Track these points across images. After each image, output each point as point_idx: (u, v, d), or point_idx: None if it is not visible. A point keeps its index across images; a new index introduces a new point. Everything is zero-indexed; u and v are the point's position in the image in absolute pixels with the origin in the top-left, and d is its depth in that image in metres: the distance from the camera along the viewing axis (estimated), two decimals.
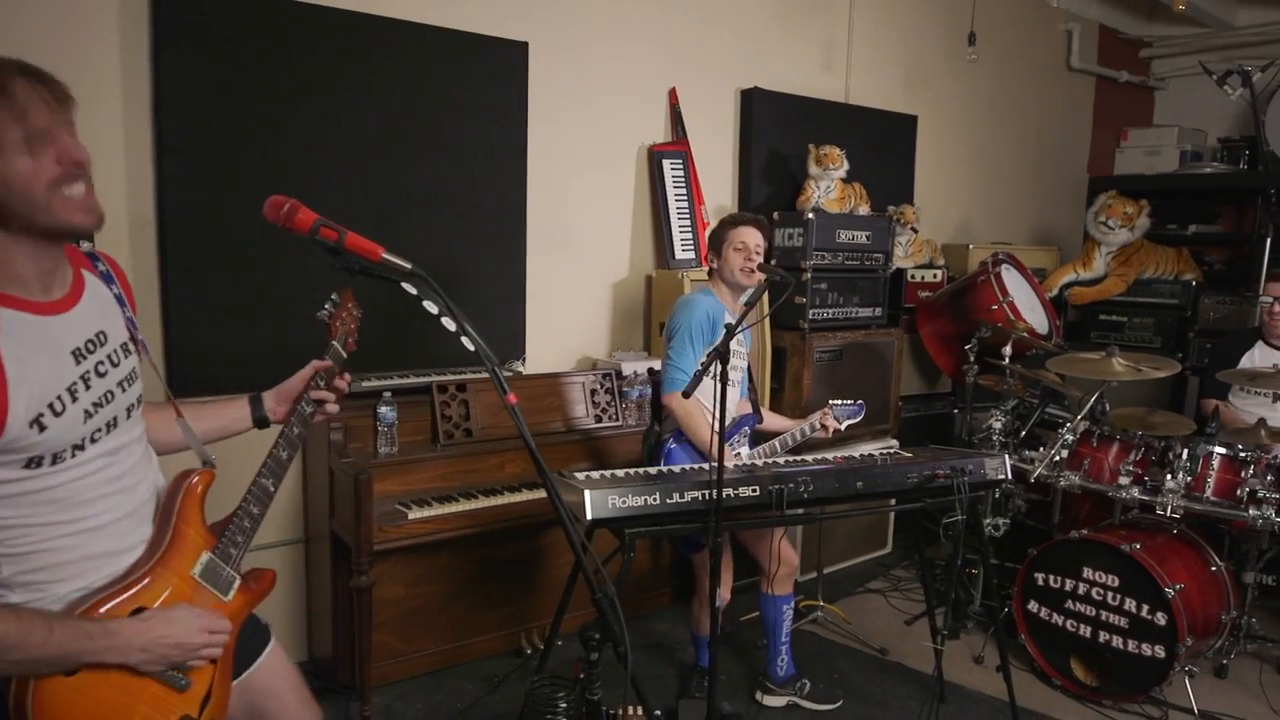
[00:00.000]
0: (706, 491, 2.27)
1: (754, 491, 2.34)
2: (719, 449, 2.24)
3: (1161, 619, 2.96)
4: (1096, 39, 6.03)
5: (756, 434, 3.03)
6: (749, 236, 2.84)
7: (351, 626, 2.93)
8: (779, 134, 4.24)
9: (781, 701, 3.04)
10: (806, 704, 2.99)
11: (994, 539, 3.65)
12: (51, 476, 1.26)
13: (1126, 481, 3.12)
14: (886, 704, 3.09)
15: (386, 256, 1.39)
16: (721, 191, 4.14)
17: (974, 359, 3.80)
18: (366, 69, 3.13)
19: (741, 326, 2.37)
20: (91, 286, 1.39)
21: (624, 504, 2.22)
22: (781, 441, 2.91)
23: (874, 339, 4.21)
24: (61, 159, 1.21)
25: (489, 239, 3.47)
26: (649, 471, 2.54)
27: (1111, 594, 3.08)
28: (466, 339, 1.38)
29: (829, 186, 4.06)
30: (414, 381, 3.17)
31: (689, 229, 3.90)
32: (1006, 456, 2.69)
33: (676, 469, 2.56)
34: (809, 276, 3.92)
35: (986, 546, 2.81)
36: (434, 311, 1.36)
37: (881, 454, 2.77)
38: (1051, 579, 3.22)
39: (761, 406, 3.09)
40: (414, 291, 1.37)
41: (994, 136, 5.48)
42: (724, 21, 4.09)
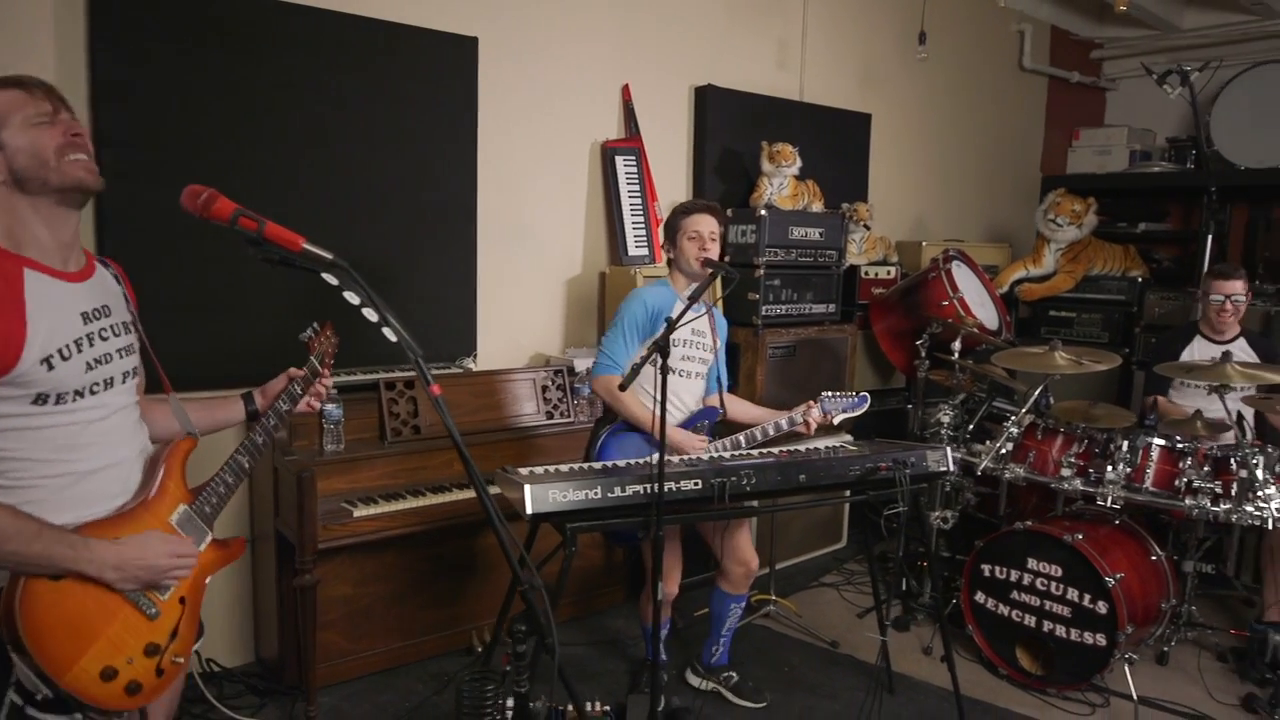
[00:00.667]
0: (648, 485, 2.27)
1: (696, 485, 2.35)
2: (661, 442, 2.25)
3: (1102, 608, 3.01)
4: (1048, 40, 6.13)
5: (733, 426, 2.99)
6: (702, 224, 2.81)
7: (297, 627, 2.89)
8: (733, 131, 4.26)
9: (708, 686, 3.06)
10: (730, 696, 3.01)
11: (944, 531, 3.70)
12: (53, 416, 1.45)
13: (1069, 473, 3.17)
14: (835, 695, 3.12)
15: (307, 247, 1.38)
16: (675, 188, 4.15)
17: (925, 354, 3.85)
18: (313, 63, 3.10)
19: (683, 320, 2.37)
20: (101, 274, 1.63)
21: (564, 498, 2.21)
22: (749, 436, 2.85)
23: (827, 335, 4.24)
24: (66, 131, 1.48)
25: (439, 235, 3.45)
26: (594, 466, 2.54)
27: (1055, 584, 3.13)
28: (389, 330, 1.37)
29: (782, 184, 4.08)
30: (361, 379, 3.14)
31: (642, 226, 3.90)
32: (949, 449, 2.72)
33: (622, 463, 2.56)
34: (762, 273, 3.94)
35: (930, 538, 2.84)
36: (355, 302, 1.35)
37: (827, 447, 2.79)
38: (997, 570, 3.27)
39: (734, 398, 3.06)
40: (335, 282, 1.36)
41: (948, 135, 5.54)
42: (677, 19, 4.10)
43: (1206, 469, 3.03)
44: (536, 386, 3.45)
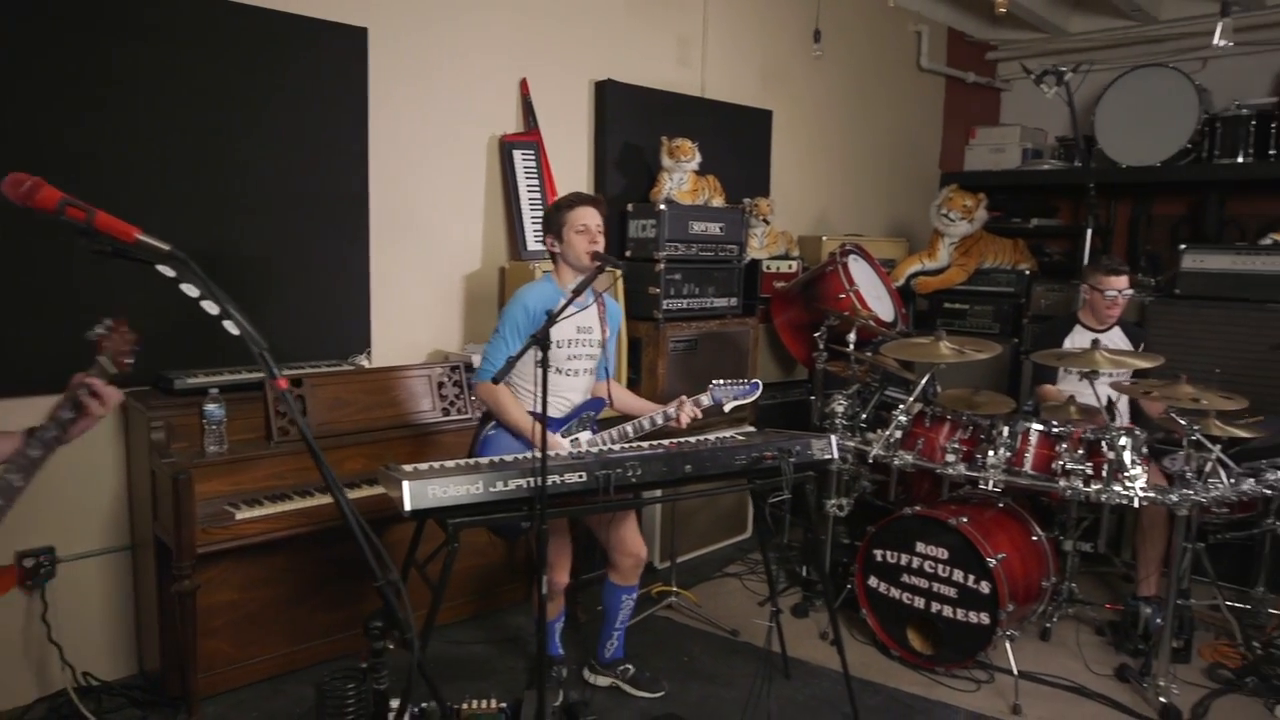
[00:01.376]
0: (532, 479, 2.26)
1: (581, 478, 2.35)
2: (542, 435, 2.24)
3: (985, 588, 3.12)
4: (945, 41, 6.32)
5: (623, 417, 2.99)
6: (590, 217, 2.78)
7: (179, 635, 2.79)
8: (634, 126, 4.27)
9: (605, 682, 3.08)
10: (628, 688, 3.04)
11: (845, 518, 3.78)
12: None
13: (953, 459, 3.28)
14: (733, 683, 3.16)
15: (141, 238, 1.33)
16: (576, 183, 4.14)
17: (823, 346, 3.93)
18: (190, 51, 2.99)
19: (565, 315, 2.37)
20: None
21: (445, 494, 2.19)
22: (636, 426, 2.86)
23: (729, 328, 4.29)
24: None
25: (329, 229, 3.37)
26: (479, 461, 2.52)
27: (942, 566, 3.23)
28: (230, 323, 1.33)
29: (682, 179, 4.11)
30: (245, 378, 3.04)
31: (541, 220, 3.87)
32: (833, 437, 2.78)
33: (509, 458, 2.54)
34: (662, 267, 3.97)
35: (816, 525, 2.90)
36: (194, 295, 1.30)
37: (716, 438, 2.82)
38: (888, 555, 3.36)
39: (620, 388, 3.07)
40: (172, 274, 1.31)
41: (849, 132, 5.66)
42: (576, 13, 4.10)
43: (1081, 452, 3.16)
44: (433, 383, 3.40)
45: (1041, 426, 3.26)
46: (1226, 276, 4.19)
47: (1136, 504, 3.01)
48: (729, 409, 2.94)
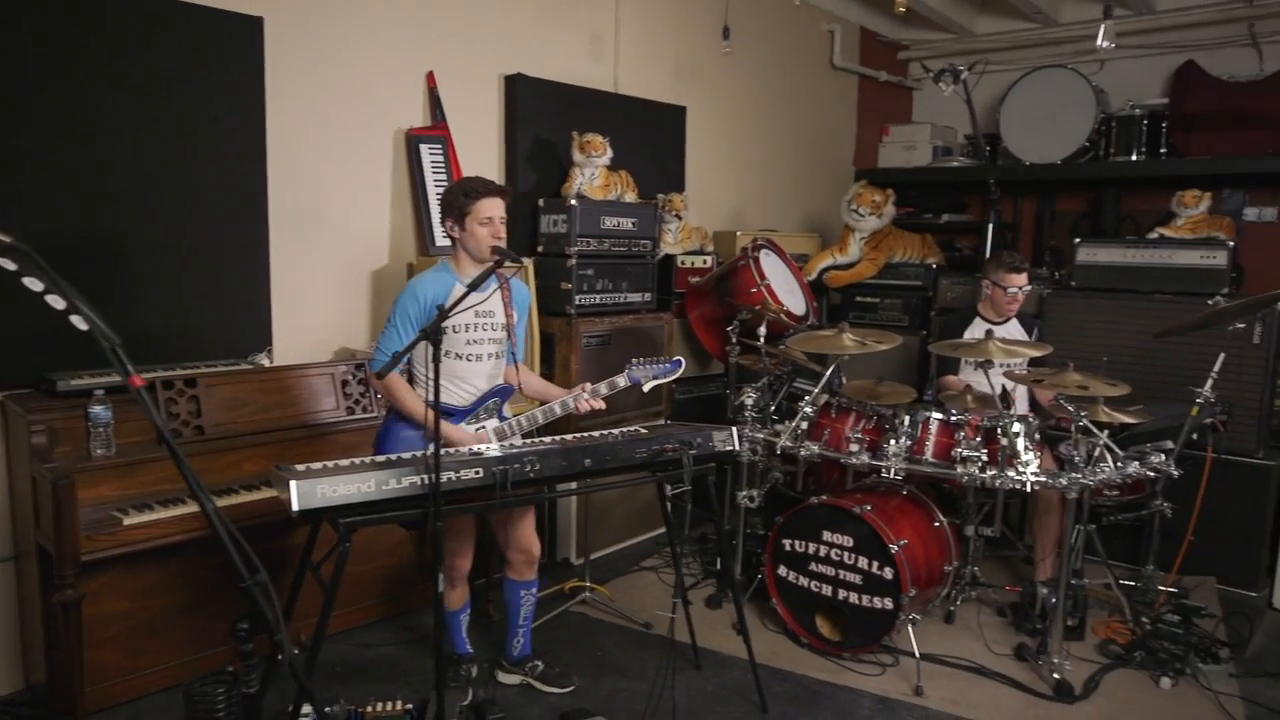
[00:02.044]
0: (426, 476, 2.23)
1: (477, 474, 2.33)
2: (436, 431, 2.22)
3: (888, 574, 3.20)
4: (858, 40, 6.44)
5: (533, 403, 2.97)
6: (496, 208, 2.73)
7: (66, 647, 2.68)
8: (546, 121, 4.25)
9: (515, 680, 3.07)
10: (538, 685, 3.03)
11: (760, 509, 3.84)
12: None
13: (856, 448, 3.35)
14: (644, 676, 3.17)
15: None
16: (487, 177, 4.08)
17: (735, 340, 3.97)
18: (76, 38, 2.87)
19: (458, 308, 2.34)
20: None
21: (335, 493, 2.15)
22: (546, 411, 2.82)
23: (643, 323, 4.31)
24: None
25: (224, 225, 3.28)
26: (376, 459, 2.48)
27: (847, 554, 3.29)
28: (78, 318, 1.27)
29: (593, 174, 4.10)
30: None
31: (441, 201, 3.82)
32: (734, 429, 2.82)
33: (407, 455, 2.51)
34: (574, 263, 3.96)
35: (720, 516, 2.93)
36: (38, 289, 1.25)
37: (620, 431, 2.83)
38: (797, 544, 3.41)
39: (529, 373, 3.02)
40: (13, 267, 1.25)
41: (764, 128, 5.73)
42: (484, 7, 4.05)
43: (978, 439, 3.26)
44: (336, 381, 3.34)
45: (940, 415, 3.35)
46: (1117, 269, 4.37)
47: (1029, 489, 3.12)
48: (648, 388, 2.91)
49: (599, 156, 4.08)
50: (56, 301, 1.29)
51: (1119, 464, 3.19)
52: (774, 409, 3.71)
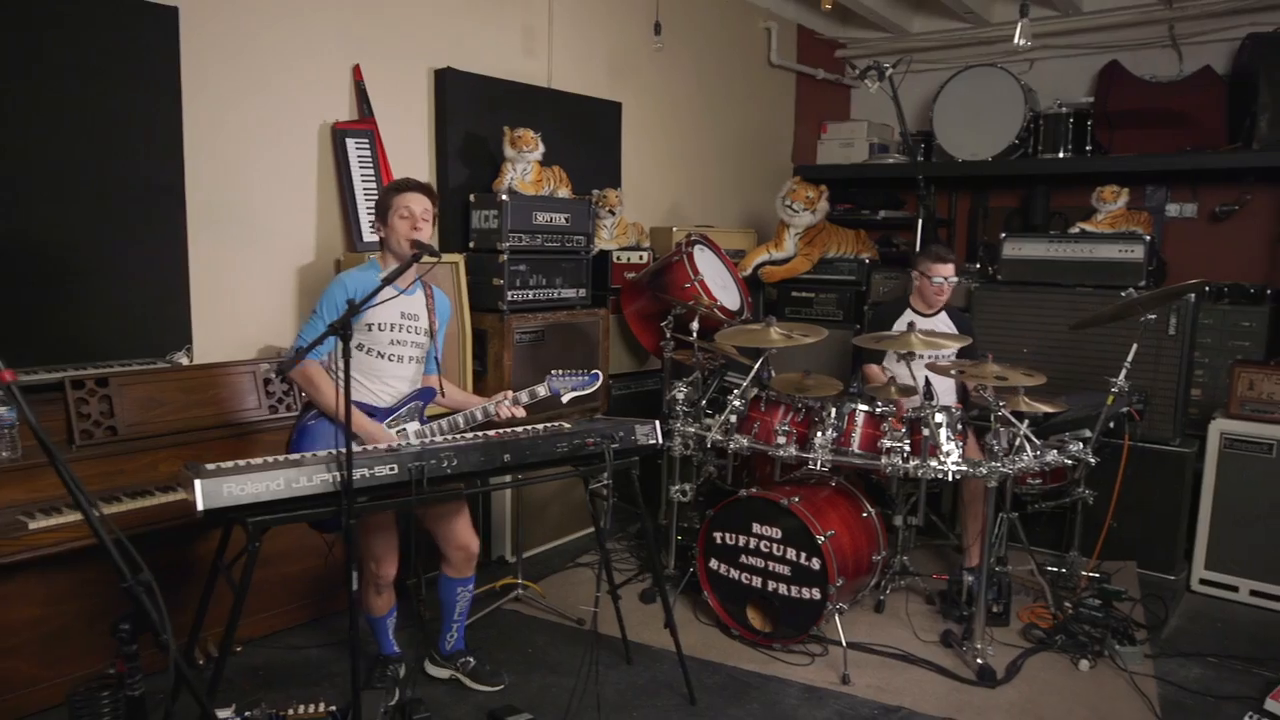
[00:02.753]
0: (338, 473, 2.20)
1: (392, 470, 2.30)
2: (346, 423, 2.19)
3: (816, 564, 3.24)
4: (795, 38, 6.50)
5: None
6: (415, 203, 2.73)
7: None
8: (477, 116, 4.21)
9: (445, 674, 3.05)
10: (467, 681, 3.01)
11: (696, 503, 3.85)
12: None
13: (783, 441, 3.38)
14: (575, 672, 3.15)
15: None
16: (417, 172, 4.03)
17: (669, 335, 3.99)
18: None
19: (371, 302, 2.32)
20: None
21: (242, 491, 2.11)
22: (468, 417, 2.83)
23: (578, 319, 4.30)
24: None
25: (139, 221, 3.19)
26: (290, 457, 2.43)
27: (776, 545, 3.32)
28: None
29: (525, 169, 4.08)
30: (44, 378, 2.85)
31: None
32: (656, 423, 2.82)
33: (323, 454, 2.46)
34: (506, 259, 3.94)
35: (644, 510, 2.94)
36: None
37: (544, 426, 2.81)
38: (727, 537, 3.44)
39: (448, 383, 3.02)
40: None
41: (702, 125, 5.75)
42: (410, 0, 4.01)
43: (902, 430, 3.31)
44: (258, 379, 3.27)
45: (866, 407, 3.40)
46: (1041, 263, 4.47)
47: (950, 478, 3.18)
48: (567, 400, 2.94)
49: (531, 151, 4.06)
50: None
51: (1038, 453, 3.27)
52: (705, 403, 3.72)
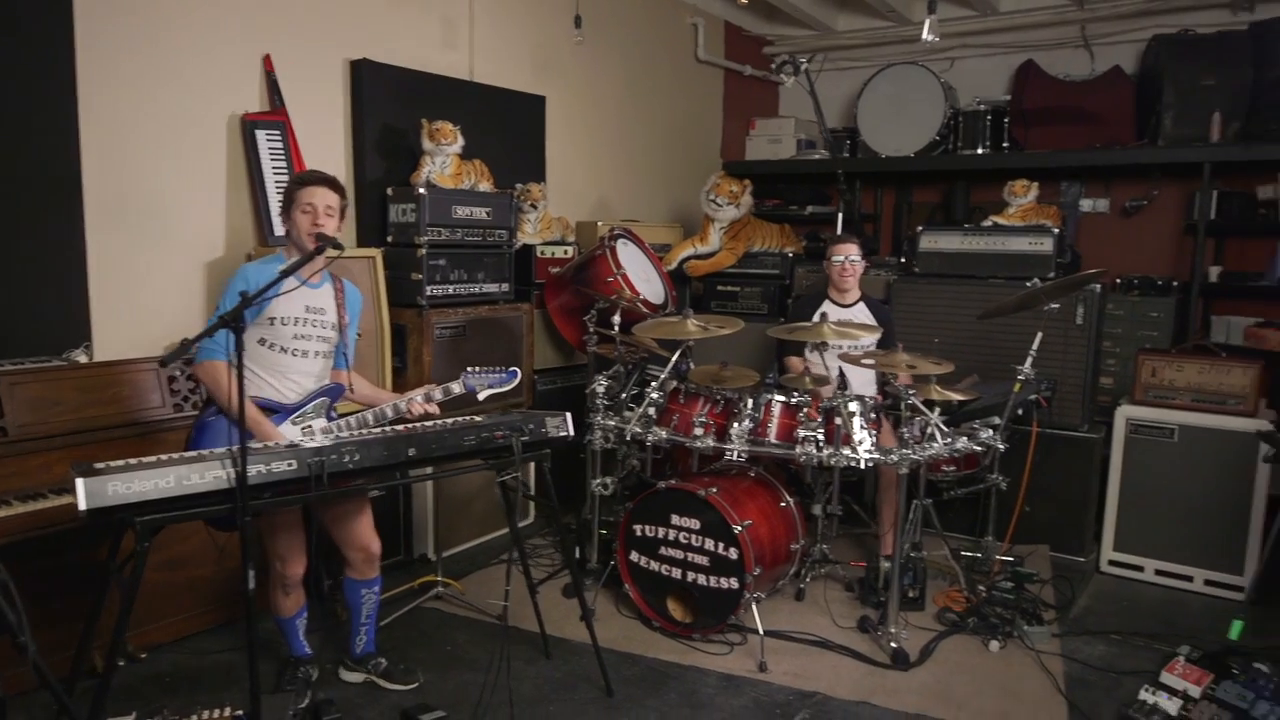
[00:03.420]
0: (232, 470, 2.15)
1: (290, 465, 2.25)
2: (240, 419, 2.14)
3: (733, 554, 3.26)
4: (723, 34, 6.54)
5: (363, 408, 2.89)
6: (317, 196, 2.68)
7: None
8: (396, 108, 4.15)
9: (358, 678, 3.00)
10: (381, 682, 2.98)
11: (621, 496, 3.85)
12: None
13: (701, 432, 3.40)
14: (492, 667, 3.14)
15: None
16: (333, 165, 3.96)
17: (593, 329, 3.98)
18: None
19: (267, 295, 2.27)
20: None
21: (129, 490, 2.04)
22: (378, 414, 2.78)
23: (500, 314, 4.27)
24: None
25: (29, 215, 3.07)
26: (186, 454, 2.36)
27: (694, 536, 3.34)
28: None
29: (444, 162, 4.03)
30: None
31: None
32: (568, 415, 2.81)
33: (220, 450, 2.40)
34: (424, 253, 3.89)
35: (554, 504, 2.93)
36: None
37: (452, 420, 2.78)
38: (647, 529, 3.44)
39: (359, 379, 2.96)
40: None
41: (628, 120, 5.75)
42: None
43: (818, 420, 3.36)
44: (162, 377, 3.18)
45: (783, 398, 3.44)
46: (956, 255, 4.58)
47: (862, 465, 3.24)
48: (483, 397, 2.91)
49: (450, 144, 4.01)
50: None
51: (948, 440, 3.34)
52: (626, 396, 3.73)
